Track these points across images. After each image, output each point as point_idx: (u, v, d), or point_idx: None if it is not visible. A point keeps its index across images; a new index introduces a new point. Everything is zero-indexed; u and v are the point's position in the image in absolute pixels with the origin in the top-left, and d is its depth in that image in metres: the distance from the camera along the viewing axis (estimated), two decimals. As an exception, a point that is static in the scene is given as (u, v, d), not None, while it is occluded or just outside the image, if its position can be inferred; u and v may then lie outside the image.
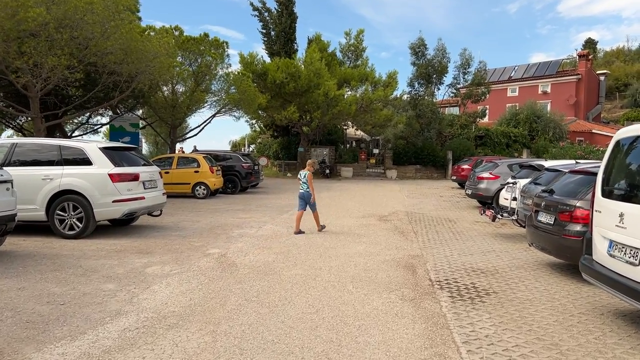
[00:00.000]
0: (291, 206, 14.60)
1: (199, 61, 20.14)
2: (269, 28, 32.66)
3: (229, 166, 18.55)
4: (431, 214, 13.46)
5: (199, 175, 16.48)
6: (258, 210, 13.66)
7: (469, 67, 31.14)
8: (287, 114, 25.24)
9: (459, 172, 22.48)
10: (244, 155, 19.19)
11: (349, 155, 30.91)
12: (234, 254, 7.55)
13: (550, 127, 35.53)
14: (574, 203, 6.14)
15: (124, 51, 13.25)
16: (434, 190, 21.72)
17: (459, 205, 15.82)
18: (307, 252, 7.84)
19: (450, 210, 14.27)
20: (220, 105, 21.63)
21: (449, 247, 8.60)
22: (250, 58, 25.93)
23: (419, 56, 31.22)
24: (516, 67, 50.53)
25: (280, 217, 12.22)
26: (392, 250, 8.15)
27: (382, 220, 11.99)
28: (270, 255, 7.56)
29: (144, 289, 5.55)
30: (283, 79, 25.20)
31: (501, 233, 10.22)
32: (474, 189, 14.44)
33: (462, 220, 12.26)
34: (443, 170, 31.25)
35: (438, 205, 15.78)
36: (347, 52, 31.52)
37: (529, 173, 11.84)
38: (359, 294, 5.52)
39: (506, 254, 8.00)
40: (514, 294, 5.67)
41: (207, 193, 16.45)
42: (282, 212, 13.25)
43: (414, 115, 30.93)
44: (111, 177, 8.50)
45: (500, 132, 34.47)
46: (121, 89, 14.99)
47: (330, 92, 24.93)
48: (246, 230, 9.92)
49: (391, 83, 28.64)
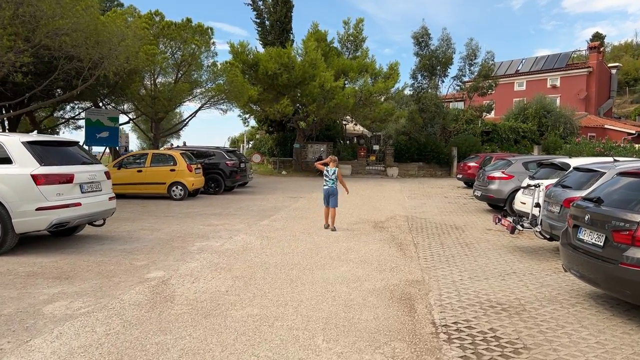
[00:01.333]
0: (278, 209, 12.89)
1: (182, 49, 18.39)
2: (263, 17, 30.90)
3: (212, 164, 16.83)
4: (435, 219, 11.70)
5: (176, 174, 14.77)
6: (237, 214, 11.95)
7: (475, 58, 29.27)
8: (280, 107, 23.49)
9: (465, 170, 20.71)
10: (229, 152, 17.46)
11: (347, 152, 29.13)
12: (179, 280, 5.83)
13: (560, 123, 33.68)
14: (636, 219, 4.39)
15: (83, 33, 11.53)
16: (438, 190, 19.95)
17: (467, 208, 14.06)
18: (275, 275, 6.12)
19: (457, 215, 12.52)
20: (206, 98, 19.85)
21: (458, 266, 6.86)
22: (241, 47, 24.17)
23: (422, 46, 29.39)
24: (523, 60, 48.58)
25: (260, 223, 10.50)
26: (386, 272, 6.42)
27: (378, 227, 10.25)
28: (227, 281, 5.84)
29: (19, 345, 3.85)
30: (276, 70, 23.44)
31: (520, 245, 8.48)
32: (484, 191, 12.67)
33: (471, 227, 10.50)
34: (447, 167, 29.45)
35: (443, 208, 14.02)
36: (345, 42, 29.67)
37: (550, 172, 10.08)
38: (330, 354, 3.79)
39: (531, 278, 6.25)
40: (554, 351, 3.93)
41: (184, 194, 14.74)
42: (264, 216, 11.54)
43: (417, 109, 29.11)
44: (35, 179, 6.79)
45: (508, 128, 32.65)
46: (85, 77, 13.27)
47: (326, 83, 23.16)
48: (210, 243, 8.20)
49: (392, 75, 26.83)
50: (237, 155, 18.02)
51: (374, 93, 25.31)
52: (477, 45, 29.11)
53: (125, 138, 24.18)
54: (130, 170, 14.96)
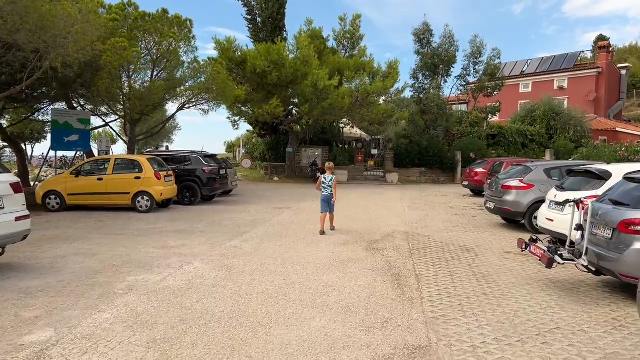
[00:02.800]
0: (256, 224, 10.97)
1: (158, 43, 16.52)
2: (254, 14, 29.04)
3: (187, 170, 14.94)
4: (441, 236, 9.77)
5: (141, 182, 12.87)
6: (205, 231, 10.03)
7: (480, 56, 27.41)
8: (269, 108, 21.60)
9: (472, 177, 18.78)
10: (207, 157, 15.53)
11: (343, 157, 27.20)
12: (65, 350, 3.91)
13: (571, 125, 31.76)
14: None
15: (19, 16, 9.66)
16: (442, 199, 18.00)
17: (477, 222, 12.12)
18: (211, 339, 4.18)
19: (466, 231, 10.57)
20: (185, 98, 17.93)
21: (476, 315, 4.94)
22: (228, 44, 22.33)
23: (424, 44, 27.55)
24: (529, 61, 46.71)
25: (226, 244, 8.59)
26: (375, 330, 4.49)
27: (371, 249, 8.32)
28: (136, 350, 3.91)
29: None
30: (265, 68, 21.58)
31: (552, 278, 6.54)
32: (498, 202, 10.73)
33: (485, 249, 8.57)
34: (451, 173, 27.50)
35: (449, 221, 12.09)
36: (342, 40, 27.78)
37: (583, 182, 8.16)
38: None
39: (585, 340, 4.31)
40: None
41: (151, 205, 12.83)
42: (236, 234, 9.62)
43: (418, 111, 27.24)
44: None
45: (516, 131, 30.72)
46: (32, 69, 11.39)
47: (320, 82, 21.28)
48: (148, 277, 6.27)
49: (392, 74, 24.92)
50: (217, 160, 16.11)
51: (371, 93, 23.41)
52: (482, 43, 27.31)
53: (107, 142, 22.19)
54: (90, 179, 13.05)
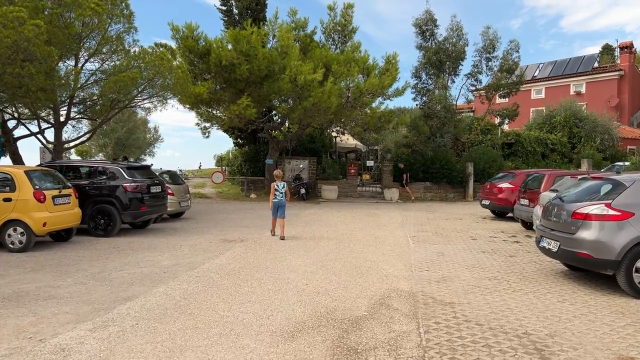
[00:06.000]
0: (171, 275, 6.57)
1: (72, 17, 12.36)
2: (230, 4, 25.04)
3: (102, 187, 10.65)
4: (475, 306, 5.41)
5: (13, 206, 8.57)
6: (53, 299, 5.70)
7: (493, 50, 23.20)
8: (237, 109, 17.36)
9: (494, 194, 14.46)
10: (133, 169, 11.21)
11: (334, 170, 22.85)
12: None
13: (597, 133, 27.54)
14: None
15: None
16: (457, 224, 13.64)
17: (520, 265, 7.75)
18: None
19: (515, 290, 6.19)
20: (116, 90, 13.55)
21: None
22: (188, 31, 18.18)
23: (427, 37, 23.42)
24: (541, 64, 42.72)
25: (52, 342, 4.25)
26: None
27: (344, 352, 3.98)
28: None
29: None
30: (233, 59, 17.42)
31: None
32: (567, 242, 6.37)
33: (572, 345, 4.22)
34: (461, 188, 23.15)
35: (478, 266, 7.74)
36: (331, 32, 23.64)
37: None
38: None
39: None
40: None
41: (27, 241, 8.52)
42: (108, 305, 5.30)
43: (421, 114, 23.02)
44: None
45: (535, 139, 26.50)
46: None
47: (299, 76, 17.10)
48: None
49: (390, 69, 20.75)
50: (150, 173, 11.80)
51: (365, 91, 19.21)
52: (496, 35, 23.12)
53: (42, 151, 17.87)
54: (-64, 201, 8.75)
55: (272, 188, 10.34)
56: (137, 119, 43.43)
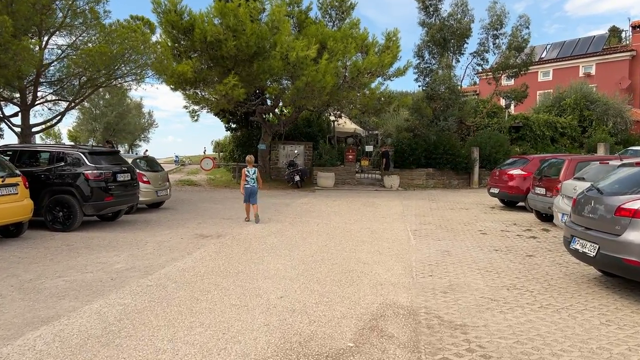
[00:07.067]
0: (117, 285, 5.22)
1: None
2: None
3: (59, 175, 9.36)
4: (495, 328, 4.14)
5: (-58, 198, 7.29)
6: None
7: (501, 27, 21.66)
8: (224, 89, 15.97)
9: (504, 182, 13.14)
10: (96, 154, 9.89)
11: (331, 155, 21.51)
12: None
13: (609, 116, 26.10)
14: None
15: None
16: (463, 215, 12.36)
17: (541, 267, 6.47)
18: None
19: (543, 307, 4.91)
20: (82, 65, 12.11)
21: None
22: (171, 4, 16.67)
23: (430, 12, 21.86)
24: (548, 45, 41.00)
25: None
26: None
27: None
28: None
29: None
30: (219, 35, 15.97)
31: None
32: (607, 245, 5.06)
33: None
34: (466, 175, 21.83)
35: (491, 269, 6.46)
36: (327, 8, 22.08)
37: None
38: None
39: None
40: None
41: (-42, 239, 7.26)
42: (32, 325, 4.02)
43: (424, 96, 21.60)
44: None
45: (544, 122, 25.06)
46: None
47: (291, 53, 15.67)
48: None
49: (390, 47, 19.26)
50: (118, 159, 10.48)
51: (363, 70, 17.76)
52: (504, 10, 21.55)
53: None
54: None
55: (242, 174, 10.26)
56: (130, 102, 41.88)
